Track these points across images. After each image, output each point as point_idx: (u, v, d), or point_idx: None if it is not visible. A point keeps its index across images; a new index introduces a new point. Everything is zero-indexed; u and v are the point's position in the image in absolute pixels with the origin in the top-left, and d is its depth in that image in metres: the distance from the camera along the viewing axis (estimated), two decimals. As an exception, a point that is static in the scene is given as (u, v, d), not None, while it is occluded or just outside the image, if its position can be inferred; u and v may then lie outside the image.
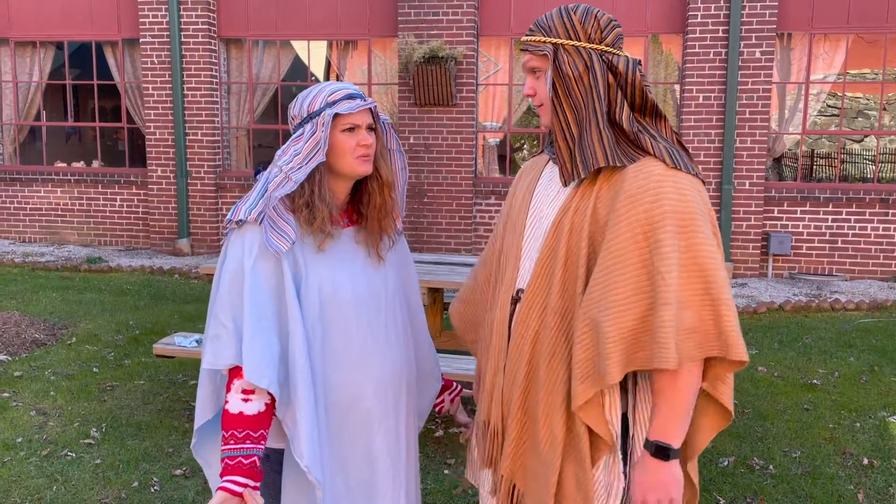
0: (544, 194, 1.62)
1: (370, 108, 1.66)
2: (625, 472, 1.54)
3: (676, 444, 1.46)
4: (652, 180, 1.44)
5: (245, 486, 1.49)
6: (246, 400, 1.52)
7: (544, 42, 1.55)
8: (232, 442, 1.51)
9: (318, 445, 1.56)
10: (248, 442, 1.51)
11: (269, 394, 1.54)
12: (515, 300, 1.61)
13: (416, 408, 1.83)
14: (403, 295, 1.84)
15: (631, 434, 1.55)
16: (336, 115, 1.61)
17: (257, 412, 1.53)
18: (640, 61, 1.57)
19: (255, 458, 1.52)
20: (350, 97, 1.63)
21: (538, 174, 1.68)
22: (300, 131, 1.63)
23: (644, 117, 1.57)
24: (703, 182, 1.52)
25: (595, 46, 1.53)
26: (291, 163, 1.59)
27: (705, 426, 1.53)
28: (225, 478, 1.50)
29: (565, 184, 1.54)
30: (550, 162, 1.67)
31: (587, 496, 1.49)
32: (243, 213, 1.60)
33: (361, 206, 1.74)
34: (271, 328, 1.54)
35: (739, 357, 1.41)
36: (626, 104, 1.52)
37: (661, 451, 1.46)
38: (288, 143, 1.63)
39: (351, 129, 1.63)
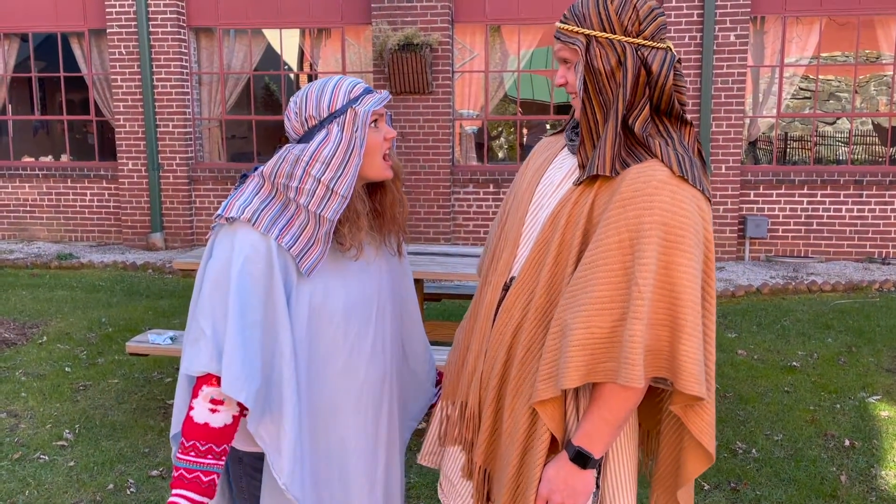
0: (550, 181, 1.55)
1: None
2: (596, 477, 1.50)
3: (598, 454, 1.41)
4: (651, 185, 1.36)
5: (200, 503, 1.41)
6: (214, 411, 1.42)
7: (576, 33, 1.44)
8: (192, 454, 1.41)
9: (301, 461, 1.48)
10: (209, 457, 1.42)
11: (240, 405, 1.45)
12: (507, 286, 1.56)
13: (399, 422, 1.74)
14: (399, 301, 1.75)
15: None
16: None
17: (223, 425, 1.43)
18: (678, 58, 1.47)
19: (215, 476, 1.42)
20: (369, 91, 1.53)
21: (552, 157, 1.60)
22: (323, 133, 1.49)
23: (668, 119, 1.48)
24: (710, 200, 1.43)
25: (631, 40, 1.42)
26: (328, 171, 1.45)
27: (690, 461, 1.48)
28: (178, 491, 1.40)
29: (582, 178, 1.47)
30: (566, 148, 1.59)
31: (528, 494, 1.46)
32: (236, 211, 1.46)
33: (375, 202, 1.64)
34: (255, 338, 1.42)
35: (687, 389, 1.32)
36: (647, 107, 1.43)
37: (580, 458, 1.41)
38: (311, 146, 1.48)
39: (374, 124, 1.54)
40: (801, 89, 14.04)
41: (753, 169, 7.76)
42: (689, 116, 1.51)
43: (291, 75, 9.05)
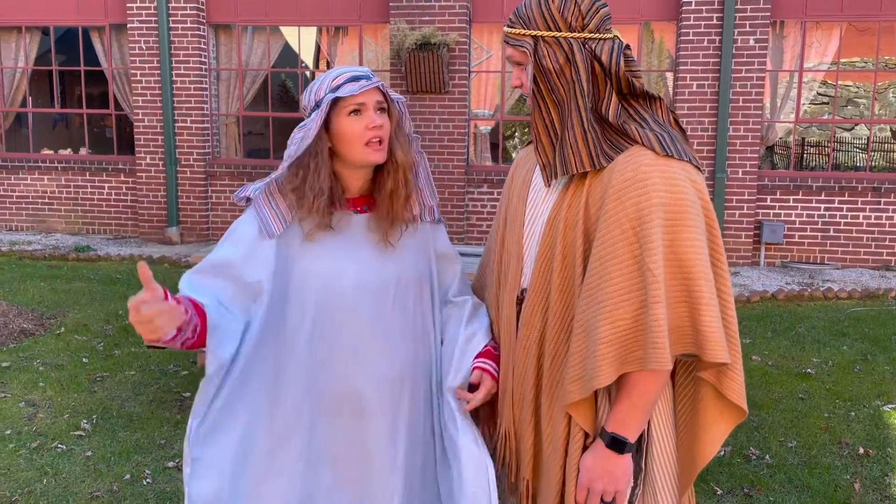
0: (540, 189, 1.57)
1: (379, 88, 1.58)
2: (641, 459, 1.52)
3: (633, 437, 1.44)
4: (640, 172, 1.38)
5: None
6: None
7: (523, 35, 1.48)
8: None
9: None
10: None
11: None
12: (520, 300, 1.57)
13: (425, 402, 1.73)
14: (429, 286, 1.75)
15: (646, 432, 1.52)
16: (337, 99, 1.56)
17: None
18: (627, 45, 1.50)
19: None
20: (354, 79, 1.56)
21: (533, 167, 1.63)
22: (306, 121, 1.58)
23: (637, 101, 1.50)
24: (699, 167, 1.45)
25: (577, 35, 1.45)
26: (289, 151, 1.59)
27: (717, 422, 1.49)
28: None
29: (547, 184, 1.50)
30: None
31: (569, 488, 1.48)
32: (250, 192, 1.64)
33: (375, 191, 1.68)
34: (222, 273, 1.57)
35: (714, 358, 1.37)
36: (613, 94, 1.45)
37: (616, 444, 1.44)
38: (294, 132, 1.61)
39: (357, 112, 1.57)
40: (820, 94, 13.93)
41: (770, 174, 7.72)
42: (654, 92, 1.52)
43: (308, 73, 9.09)
